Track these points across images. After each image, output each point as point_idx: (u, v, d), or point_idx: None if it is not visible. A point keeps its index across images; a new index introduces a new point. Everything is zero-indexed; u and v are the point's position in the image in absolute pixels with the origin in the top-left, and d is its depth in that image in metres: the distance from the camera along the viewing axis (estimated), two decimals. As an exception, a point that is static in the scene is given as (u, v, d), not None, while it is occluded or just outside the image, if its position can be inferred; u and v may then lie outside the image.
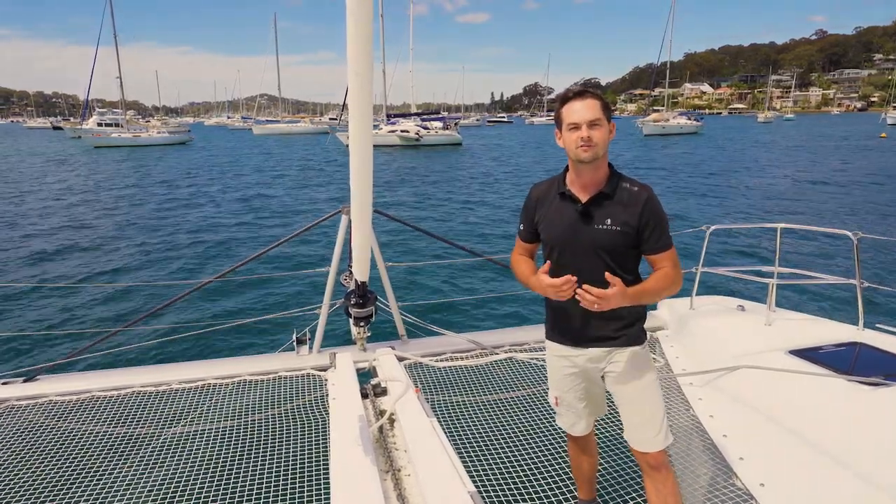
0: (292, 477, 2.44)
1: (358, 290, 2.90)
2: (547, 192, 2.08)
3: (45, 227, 14.14)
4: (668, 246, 1.95)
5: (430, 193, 20.18)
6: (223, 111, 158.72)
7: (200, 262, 10.84)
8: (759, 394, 2.73)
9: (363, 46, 1.84)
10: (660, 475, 1.99)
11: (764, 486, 2.29)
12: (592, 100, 1.90)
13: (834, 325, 3.31)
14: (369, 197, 2.39)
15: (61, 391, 3.01)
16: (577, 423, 2.22)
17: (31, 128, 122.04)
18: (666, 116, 66.50)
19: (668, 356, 3.45)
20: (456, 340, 3.60)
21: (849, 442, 2.29)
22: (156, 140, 52.58)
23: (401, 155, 38.07)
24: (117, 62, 52.12)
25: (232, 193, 20.55)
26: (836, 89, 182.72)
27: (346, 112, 31.42)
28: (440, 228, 13.57)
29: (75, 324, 7.20)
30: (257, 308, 7.82)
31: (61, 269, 10.31)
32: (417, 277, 9.06)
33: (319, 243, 11.24)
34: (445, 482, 1.98)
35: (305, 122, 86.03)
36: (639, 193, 1.94)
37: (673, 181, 22.81)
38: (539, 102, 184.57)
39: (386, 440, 2.39)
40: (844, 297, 7.57)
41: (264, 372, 3.20)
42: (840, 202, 17.10)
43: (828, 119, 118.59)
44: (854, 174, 24.35)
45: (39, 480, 2.45)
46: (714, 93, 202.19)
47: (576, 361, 2.11)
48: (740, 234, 11.87)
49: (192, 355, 5.97)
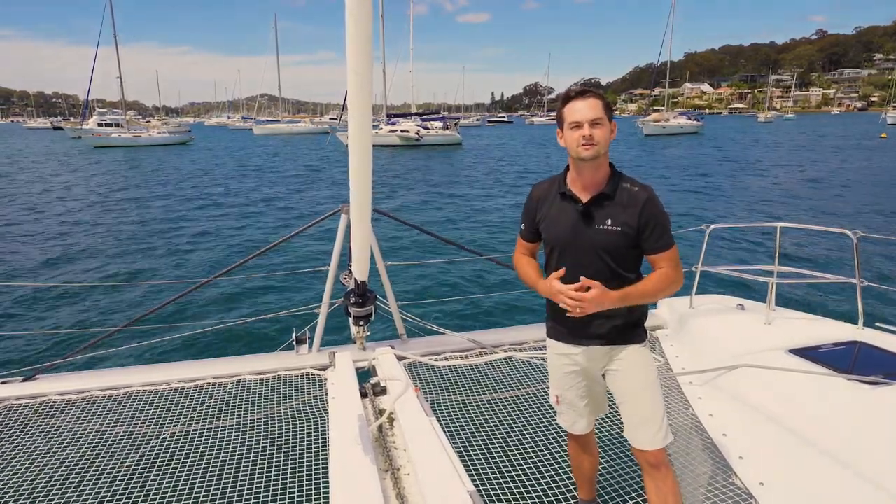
0: (291, 476, 2.44)
1: (357, 290, 2.90)
2: (548, 191, 2.08)
3: (43, 227, 14.15)
4: (667, 246, 1.95)
5: (429, 193, 20.18)
6: (223, 111, 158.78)
7: (199, 261, 10.83)
8: (759, 393, 2.73)
9: (363, 46, 1.85)
10: (659, 474, 1.99)
11: (763, 486, 2.29)
12: (594, 99, 1.91)
13: (834, 324, 3.31)
14: (369, 196, 2.39)
15: (60, 391, 3.01)
16: (577, 422, 2.22)
17: (31, 128, 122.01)
18: (666, 116, 66.43)
19: (668, 355, 3.45)
20: (455, 339, 3.60)
21: (849, 441, 2.29)
22: (156, 140, 52.57)
23: (401, 155, 38.08)
24: (117, 62, 52.17)
25: (231, 193, 20.54)
26: (837, 89, 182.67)
27: (346, 112, 31.38)
28: (440, 227, 13.57)
29: (74, 323, 7.20)
30: (257, 307, 7.82)
31: (60, 269, 10.31)
32: (417, 276, 9.06)
33: (319, 243, 11.24)
34: (445, 481, 1.98)
35: (306, 122, 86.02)
36: (639, 193, 1.94)
37: (673, 181, 22.81)
38: (539, 102, 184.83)
39: (385, 439, 2.39)
40: (844, 296, 7.57)
41: (264, 371, 3.20)
42: (842, 201, 17.10)
43: (828, 119, 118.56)
44: (854, 174, 24.34)
45: (38, 479, 2.45)
46: (714, 93, 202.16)
47: (576, 360, 2.11)
48: (740, 233, 11.87)
49: (191, 354, 5.97)
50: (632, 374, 2.03)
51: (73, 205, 17.91)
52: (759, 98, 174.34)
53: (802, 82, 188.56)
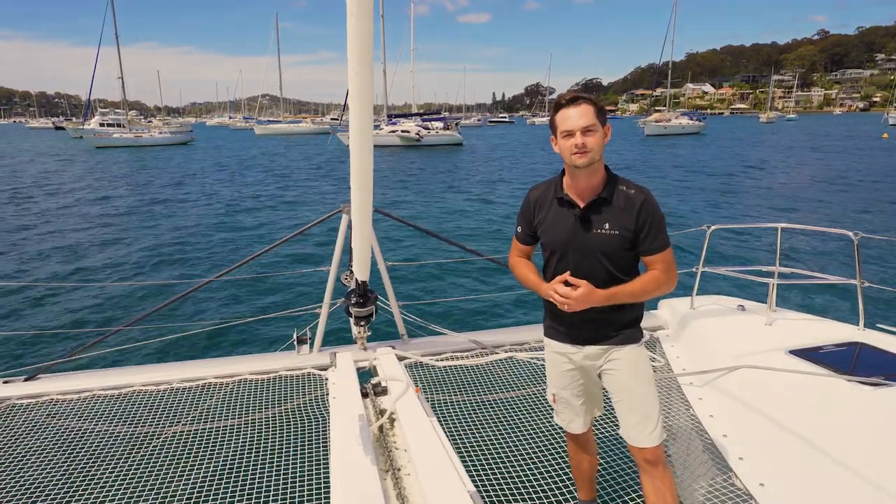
0: (292, 476, 2.45)
1: (358, 290, 2.91)
2: (545, 195, 2.09)
3: (45, 227, 14.17)
4: (662, 248, 1.96)
5: (430, 193, 20.20)
6: (225, 111, 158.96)
7: (201, 261, 10.85)
8: (760, 394, 2.73)
9: (364, 46, 1.85)
10: (657, 471, 2.00)
11: (763, 486, 2.29)
12: (586, 105, 1.91)
13: (834, 324, 3.30)
14: (369, 196, 2.39)
15: (62, 390, 3.02)
16: (574, 421, 2.24)
17: (33, 128, 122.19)
18: (668, 116, 66.41)
19: (669, 356, 3.45)
20: (456, 340, 3.60)
21: (849, 442, 2.29)
22: (157, 140, 52.64)
23: (401, 155, 38.10)
24: (119, 63, 52.28)
25: (234, 192, 20.57)
26: (839, 89, 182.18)
27: (347, 113, 31.47)
28: (440, 227, 13.57)
29: (76, 323, 7.21)
30: (258, 307, 7.83)
31: (62, 269, 10.33)
32: (418, 277, 9.06)
33: (320, 243, 11.25)
34: (445, 481, 1.98)
35: (307, 122, 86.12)
36: (635, 196, 1.95)
37: (673, 182, 22.79)
38: (541, 102, 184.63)
39: (386, 439, 2.40)
40: (845, 296, 7.57)
41: (265, 371, 3.21)
42: (844, 201, 17.07)
43: (830, 119, 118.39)
44: (857, 174, 24.29)
45: (40, 479, 2.46)
46: (716, 93, 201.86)
47: (573, 359, 2.13)
48: (741, 233, 11.86)
49: (192, 354, 5.98)
50: (627, 373, 2.04)
51: (73, 204, 17.94)
52: (761, 98, 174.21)
53: (804, 83, 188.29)
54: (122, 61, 52.41)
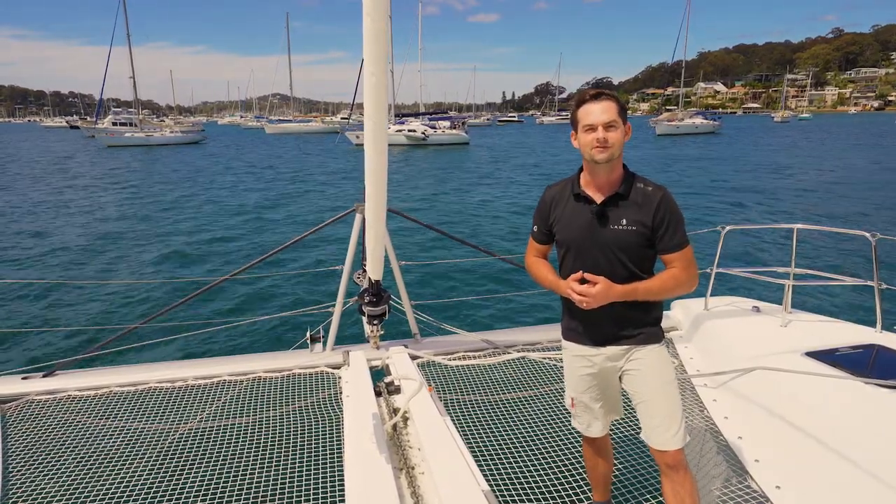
0: (307, 474, 2.46)
1: (371, 289, 2.92)
2: (561, 192, 2.08)
3: (60, 225, 14.34)
4: (681, 246, 1.94)
5: (437, 191, 20.22)
6: (236, 110, 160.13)
7: (216, 260, 10.93)
8: (775, 396, 2.70)
9: (379, 47, 1.86)
10: (678, 475, 1.96)
11: (780, 489, 2.27)
12: (608, 102, 1.91)
13: (851, 326, 3.26)
14: (384, 195, 2.40)
15: (80, 386, 3.06)
16: (592, 425, 2.21)
17: (48, 127, 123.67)
18: (680, 116, 65.86)
19: (683, 357, 3.43)
20: (469, 339, 3.60)
21: (866, 445, 2.26)
22: (168, 139, 53.07)
23: (407, 154, 38.14)
24: (130, 62, 52.79)
25: (245, 192, 20.70)
26: (853, 88, 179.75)
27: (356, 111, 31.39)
28: (451, 227, 13.57)
29: (94, 320, 7.31)
30: (272, 306, 7.88)
31: (79, 267, 10.45)
32: (431, 276, 9.07)
33: (333, 242, 11.29)
34: (459, 480, 1.99)
35: (317, 121, 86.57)
36: (653, 193, 1.94)
37: (688, 184, 22.60)
38: (550, 102, 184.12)
39: (400, 438, 2.40)
40: (862, 298, 7.47)
41: (279, 369, 3.23)
42: (863, 201, 16.84)
43: (844, 119, 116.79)
44: (872, 175, 23.94)
45: (57, 473, 2.49)
46: (728, 92, 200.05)
47: (594, 361, 2.10)
48: (756, 234, 11.74)
49: (207, 352, 6.04)
50: (649, 374, 2.01)
51: (86, 202, 18.14)
52: (774, 97, 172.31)
53: (818, 82, 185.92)
54: (133, 61, 53.01)
